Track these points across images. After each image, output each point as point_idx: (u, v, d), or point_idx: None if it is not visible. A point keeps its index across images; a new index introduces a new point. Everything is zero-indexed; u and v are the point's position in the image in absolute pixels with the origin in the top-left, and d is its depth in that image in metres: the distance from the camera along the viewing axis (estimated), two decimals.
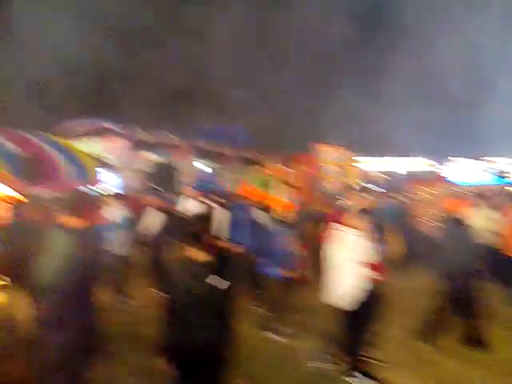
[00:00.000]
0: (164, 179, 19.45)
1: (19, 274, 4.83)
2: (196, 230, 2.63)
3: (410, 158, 37.30)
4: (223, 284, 2.50)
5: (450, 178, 11.13)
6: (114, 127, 18.89)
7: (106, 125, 19.27)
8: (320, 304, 4.69)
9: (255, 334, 5.33)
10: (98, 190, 10.34)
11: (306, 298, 6.33)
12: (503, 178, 22.78)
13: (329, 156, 10.53)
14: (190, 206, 7.28)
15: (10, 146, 11.46)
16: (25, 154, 10.93)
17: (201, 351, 2.49)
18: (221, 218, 7.22)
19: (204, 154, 23.18)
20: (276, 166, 9.17)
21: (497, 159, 32.46)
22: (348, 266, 3.91)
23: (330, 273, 4.09)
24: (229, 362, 2.69)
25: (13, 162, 10.46)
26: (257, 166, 8.81)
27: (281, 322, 5.32)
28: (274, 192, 8.28)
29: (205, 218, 3.14)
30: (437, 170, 32.96)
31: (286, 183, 7.98)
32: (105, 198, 6.36)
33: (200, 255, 2.59)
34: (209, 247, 2.65)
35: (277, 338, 5.19)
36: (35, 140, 12.97)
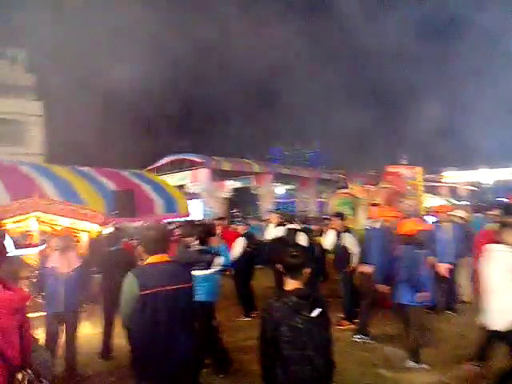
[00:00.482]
0: (245, 204, 19.93)
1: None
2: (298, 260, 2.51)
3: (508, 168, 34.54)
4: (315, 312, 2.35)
5: None
6: (197, 159, 19.86)
7: (190, 157, 20.34)
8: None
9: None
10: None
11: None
12: None
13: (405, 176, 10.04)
14: (275, 231, 7.23)
15: (107, 183, 12.53)
16: (121, 190, 11.78)
17: None
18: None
19: (284, 178, 23.34)
20: (361, 186, 8.80)
21: None
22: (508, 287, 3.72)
23: (488, 295, 3.88)
24: None
25: (109, 197, 11.31)
26: (342, 189, 8.52)
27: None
28: (362, 214, 7.96)
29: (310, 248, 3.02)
30: None
31: (373, 204, 7.58)
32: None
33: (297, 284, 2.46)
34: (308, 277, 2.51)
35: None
36: (131, 177, 14.08)
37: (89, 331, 5.84)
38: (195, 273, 4.23)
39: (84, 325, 5.98)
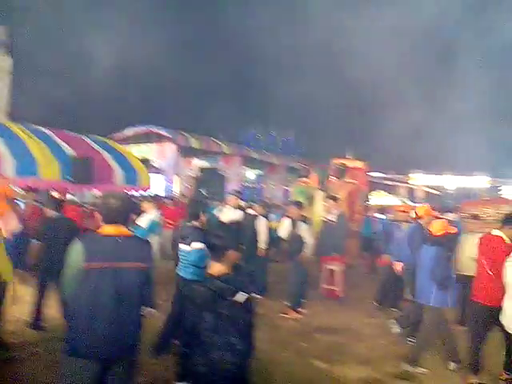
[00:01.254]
0: (211, 186, 19.60)
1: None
2: (221, 241, 2.37)
3: (474, 176, 36.07)
4: (243, 297, 2.26)
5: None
6: (164, 132, 19.33)
7: (156, 130, 19.77)
8: None
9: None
10: (145, 195, 10.42)
11: None
12: None
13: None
14: (231, 214, 7.09)
15: (66, 147, 11.95)
16: (80, 156, 11.26)
17: (228, 376, 2.24)
18: (262, 228, 6.97)
19: (252, 163, 23.15)
20: (320, 177, 8.78)
21: None
22: None
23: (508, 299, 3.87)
24: None
25: (66, 163, 10.78)
26: (303, 178, 8.50)
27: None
28: (318, 205, 7.97)
29: (235, 229, 2.83)
30: (502, 190, 31.38)
31: (331, 196, 7.58)
32: (147, 202, 6.22)
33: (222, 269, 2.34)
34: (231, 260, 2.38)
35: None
36: (92, 144, 13.47)
37: (23, 299, 5.58)
38: (183, 247, 4.32)
39: (18, 291, 5.71)
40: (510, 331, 3.83)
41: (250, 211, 7.60)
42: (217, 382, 2.24)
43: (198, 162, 21.94)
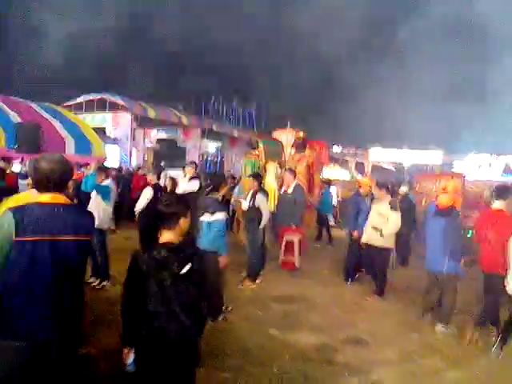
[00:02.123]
0: (170, 158, 19.14)
1: None
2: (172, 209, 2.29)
3: (428, 151, 37.39)
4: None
5: (466, 173, 10.71)
6: (119, 101, 18.50)
7: (111, 98, 18.88)
8: None
9: None
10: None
11: None
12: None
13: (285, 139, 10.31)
14: (187, 185, 6.93)
15: (12, 114, 11.16)
16: (25, 123, 10.56)
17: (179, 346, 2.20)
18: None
19: (214, 135, 22.76)
20: (272, 150, 8.66)
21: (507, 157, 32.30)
22: None
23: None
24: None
25: (11, 131, 10.09)
26: (254, 150, 8.35)
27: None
28: (270, 177, 7.85)
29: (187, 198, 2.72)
30: (452, 165, 32.78)
31: (290, 169, 7.57)
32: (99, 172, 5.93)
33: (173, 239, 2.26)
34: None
35: None
36: (41, 111, 12.67)
37: None
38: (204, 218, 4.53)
39: None
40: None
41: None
42: (160, 351, 2.19)
43: (157, 133, 21.32)
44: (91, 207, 5.38)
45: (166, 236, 2.28)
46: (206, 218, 4.57)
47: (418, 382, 3.73)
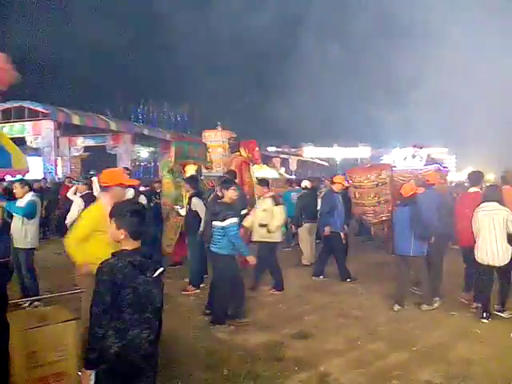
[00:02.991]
0: (102, 165, 18.20)
1: None
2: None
3: (357, 148, 39.45)
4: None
5: (390, 165, 11.30)
6: (40, 109, 17.21)
7: (30, 106, 17.48)
8: None
9: None
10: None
11: None
12: (434, 163, 24.29)
13: (214, 140, 10.39)
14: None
15: None
16: None
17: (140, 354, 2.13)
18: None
19: (146, 140, 22.05)
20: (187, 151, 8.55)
21: (431, 149, 35.26)
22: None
23: (483, 239, 4.90)
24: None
25: None
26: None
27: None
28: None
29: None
30: (379, 158, 34.77)
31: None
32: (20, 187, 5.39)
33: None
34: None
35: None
36: None
37: None
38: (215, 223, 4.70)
39: None
40: (496, 264, 4.84)
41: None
42: (132, 362, 2.13)
43: (84, 141, 20.20)
44: (13, 228, 4.92)
45: (135, 243, 2.23)
46: (217, 223, 4.69)
47: (364, 367, 3.82)
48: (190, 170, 7.81)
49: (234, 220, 4.69)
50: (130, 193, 6.80)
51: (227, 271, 4.79)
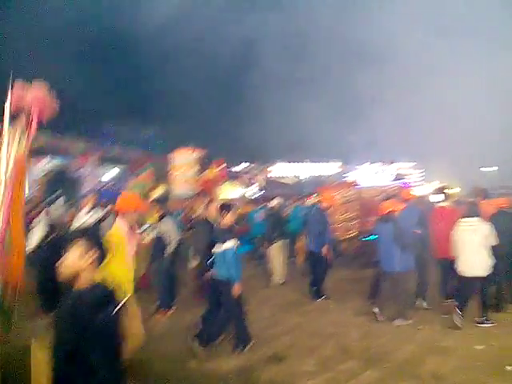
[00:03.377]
0: (68, 186, 17.64)
1: None
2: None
3: (328, 163, 40.17)
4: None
5: (359, 182, 11.58)
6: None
7: None
8: None
9: None
10: None
11: None
12: (401, 179, 25.00)
13: (183, 159, 10.43)
14: (87, 217, 6.36)
15: None
16: None
17: None
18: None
19: (113, 160, 21.66)
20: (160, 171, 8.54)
21: (399, 164, 36.41)
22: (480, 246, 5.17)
23: (466, 252, 5.21)
24: None
25: None
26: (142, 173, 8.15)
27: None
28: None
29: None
30: (348, 175, 35.54)
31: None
32: None
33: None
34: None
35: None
36: None
37: None
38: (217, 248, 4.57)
39: None
40: (477, 275, 5.12)
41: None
42: None
43: (47, 162, 19.61)
44: None
45: (99, 275, 2.16)
46: (218, 248, 4.61)
47: None
48: (159, 190, 7.75)
49: (231, 243, 4.57)
50: (95, 215, 6.60)
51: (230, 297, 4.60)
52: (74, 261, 2.07)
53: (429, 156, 35.27)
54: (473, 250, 5.16)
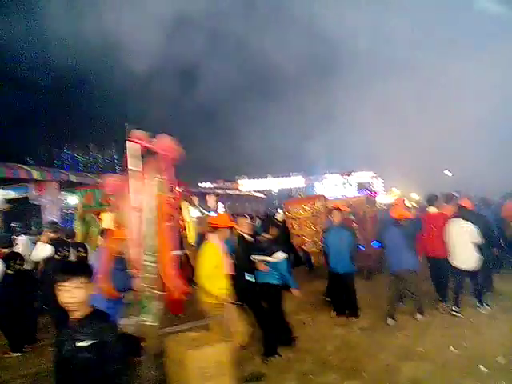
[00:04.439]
0: (26, 217, 16.92)
1: None
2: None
3: (291, 177, 40.69)
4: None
5: (324, 193, 11.79)
6: None
7: None
8: None
9: None
10: None
11: None
12: (365, 189, 25.69)
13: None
14: (42, 250, 6.02)
15: None
16: None
17: None
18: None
19: (75, 187, 20.96)
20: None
21: (359, 173, 37.38)
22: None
23: (457, 247, 5.95)
24: None
25: None
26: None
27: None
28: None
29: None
30: (313, 188, 36.07)
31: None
32: None
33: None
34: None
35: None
36: None
37: None
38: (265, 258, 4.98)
39: None
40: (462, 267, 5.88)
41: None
42: None
43: (3, 193, 18.74)
44: None
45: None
46: (265, 258, 4.98)
47: None
48: (106, 219, 7.15)
49: (284, 254, 5.11)
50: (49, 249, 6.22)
51: (280, 300, 5.12)
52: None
53: (387, 164, 36.42)
54: (465, 246, 5.86)
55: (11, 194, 19.01)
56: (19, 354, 5.62)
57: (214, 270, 4.29)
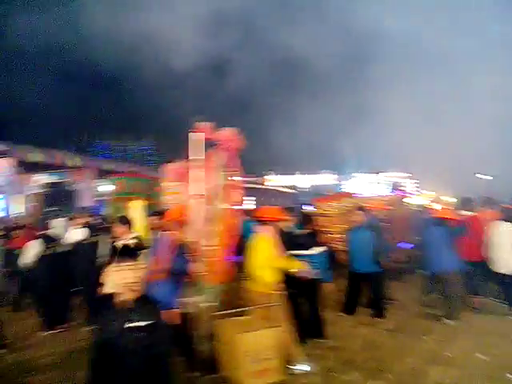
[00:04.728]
0: (64, 202, 17.52)
1: None
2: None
3: (319, 175, 40.40)
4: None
5: (354, 192, 11.61)
6: (1, 147, 16.57)
7: None
8: None
9: None
10: None
11: None
12: (397, 189, 25.17)
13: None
14: (77, 234, 6.24)
15: None
16: None
17: None
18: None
19: (109, 175, 21.51)
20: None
21: (391, 173, 36.67)
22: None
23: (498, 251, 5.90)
24: None
25: None
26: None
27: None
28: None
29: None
30: (342, 185, 35.70)
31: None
32: None
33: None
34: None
35: None
36: None
37: None
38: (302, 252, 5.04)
39: None
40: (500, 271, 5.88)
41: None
42: None
43: (43, 177, 19.53)
44: None
45: None
46: (302, 252, 5.03)
47: None
48: (135, 206, 7.20)
49: (322, 248, 5.25)
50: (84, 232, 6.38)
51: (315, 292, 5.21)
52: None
53: (423, 167, 35.54)
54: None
55: (51, 178, 19.84)
56: (50, 333, 5.80)
57: (266, 261, 4.42)
